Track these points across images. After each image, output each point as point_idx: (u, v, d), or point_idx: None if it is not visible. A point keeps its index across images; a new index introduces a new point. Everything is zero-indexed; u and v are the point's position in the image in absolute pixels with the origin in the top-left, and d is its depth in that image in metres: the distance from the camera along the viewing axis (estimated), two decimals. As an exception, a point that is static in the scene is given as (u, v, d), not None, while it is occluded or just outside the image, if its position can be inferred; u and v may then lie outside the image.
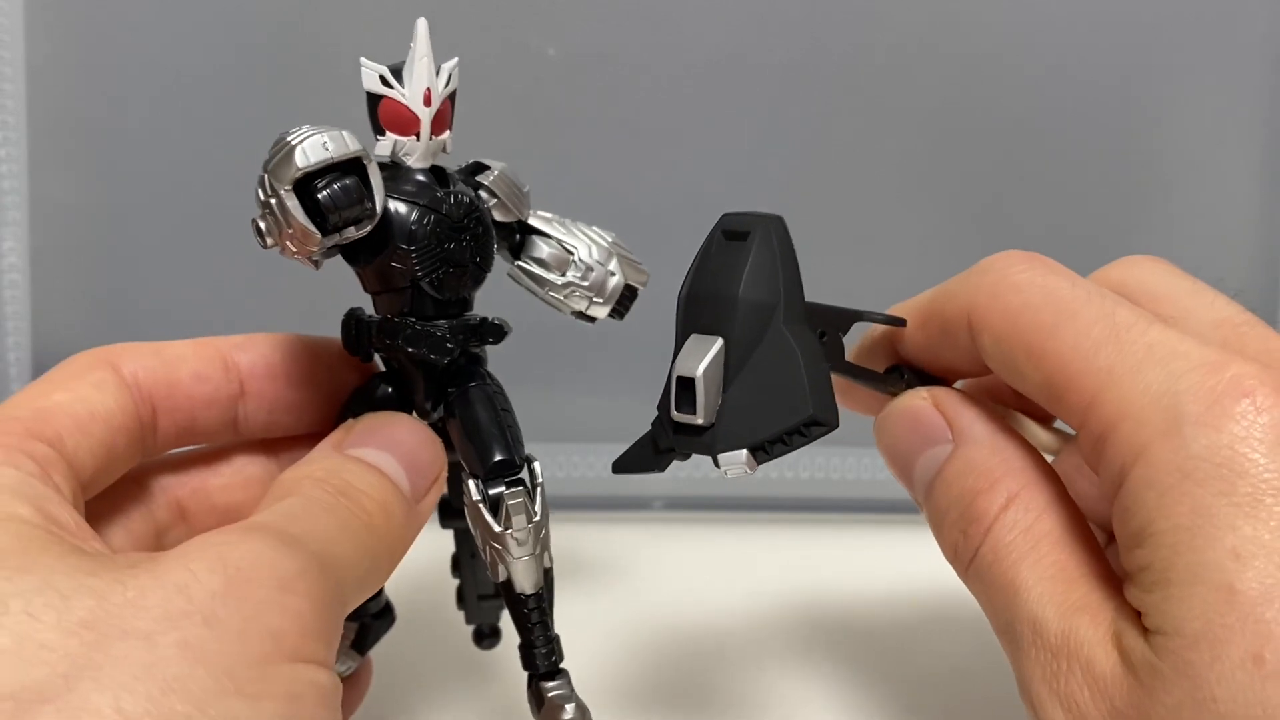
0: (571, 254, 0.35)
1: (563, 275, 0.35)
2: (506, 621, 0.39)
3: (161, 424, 0.33)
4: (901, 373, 0.35)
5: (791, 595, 0.48)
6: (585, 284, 0.35)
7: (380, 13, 0.52)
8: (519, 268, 0.35)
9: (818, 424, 0.29)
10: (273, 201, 0.30)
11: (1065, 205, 0.55)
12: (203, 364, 0.34)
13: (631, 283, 0.36)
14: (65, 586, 0.25)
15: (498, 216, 0.34)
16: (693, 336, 0.31)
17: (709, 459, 0.31)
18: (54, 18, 0.53)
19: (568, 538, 0.53)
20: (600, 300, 0.35)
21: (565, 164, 0.54)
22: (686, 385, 0.30)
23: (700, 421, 0.30)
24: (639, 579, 0.50)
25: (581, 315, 0.36)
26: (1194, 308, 0.32)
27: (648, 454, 0.32)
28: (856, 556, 0.52)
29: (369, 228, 0.31)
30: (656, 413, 0.32)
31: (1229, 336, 0.31)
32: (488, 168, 0.35)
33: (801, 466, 0.56)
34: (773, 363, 0.30)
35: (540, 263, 0.35)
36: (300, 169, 0.29)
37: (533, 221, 0.35)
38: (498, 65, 0.53)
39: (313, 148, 0.29)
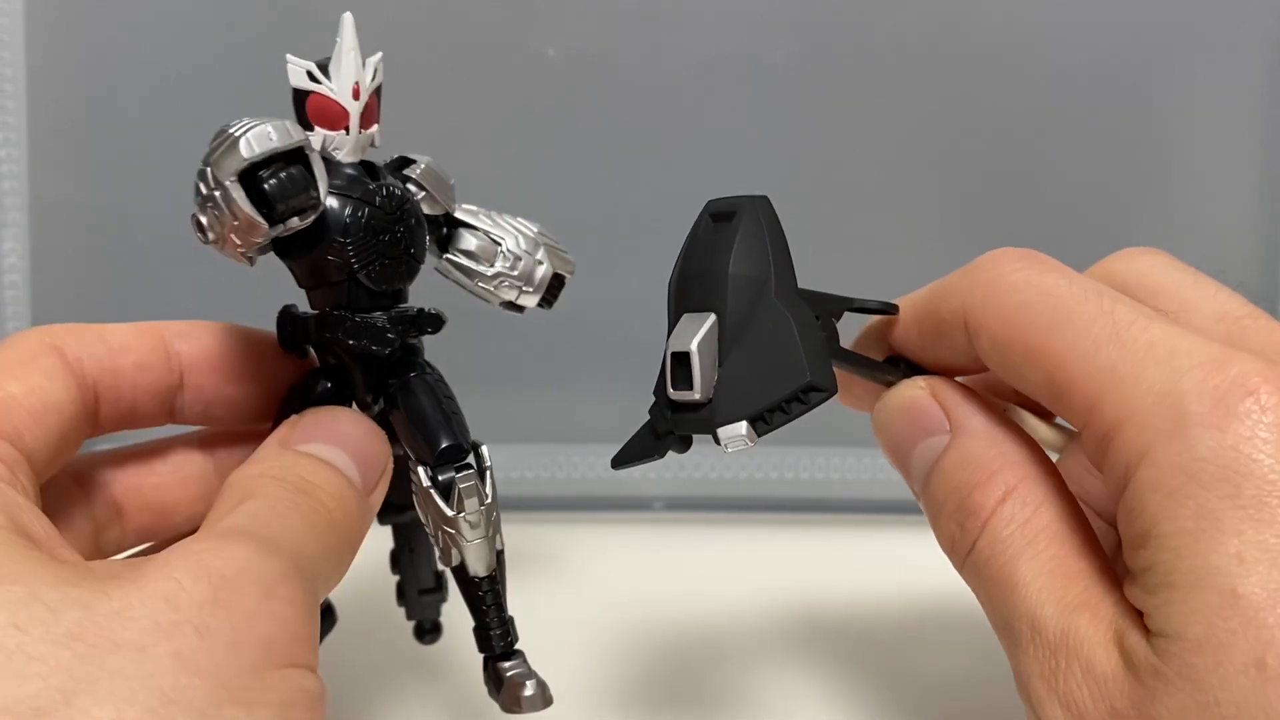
0: (499, 244, 0.35)
1: (491, 266, 0.35)
2: (447, 616, 0.39)
3: (103, 411, 0.33)
4: (898, 363, 0.35)
5: (792, 595, 0.48)
6: (515, 274, 0.35)
7: (383, 15, 0.52)
8: (448, 260, 0.36)
9: (816, 390, 0.29)
10: (216, 194, 0.29)
11: (1065, 200, 0.55)
12: (145, 352, 0.34)
13: (559, 271, 0.36)
14: (50, 598, 0.24)
15: (425, 209, 0.34)
16: (685, 315, 0.30)
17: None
18: (54, 18, 0.53)
19: (567, 538, 0.54)
20: (530, 289, 0.36)
21: (565, 164, 0.54)
22: (682, 360, 0.30)
23: (697, 397, 0.30)
24: (639, 579, 0.50)
25: (511, 305, 0.36)
26: (1195, 301, 0.32)
27: (647, 442, 0.32)
28: (856, 556, 0.52)
29: (312, 218, 0.31)
30: (653, 399, 0.32)
31: (1231, 330, 0.31)
32: (414, 161, 0.35)
33: (801, 467, 0.56)
34: (767, 334, 0.29)
35: (469, 254, 0.35)
36: (246, 159, 0.29)
37: (459, 214, 0.36)
38: (498, 65, 0.53)
39: (258, 138, 0.29)
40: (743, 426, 0.29)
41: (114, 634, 0.24)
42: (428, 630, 0.40)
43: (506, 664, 0.34)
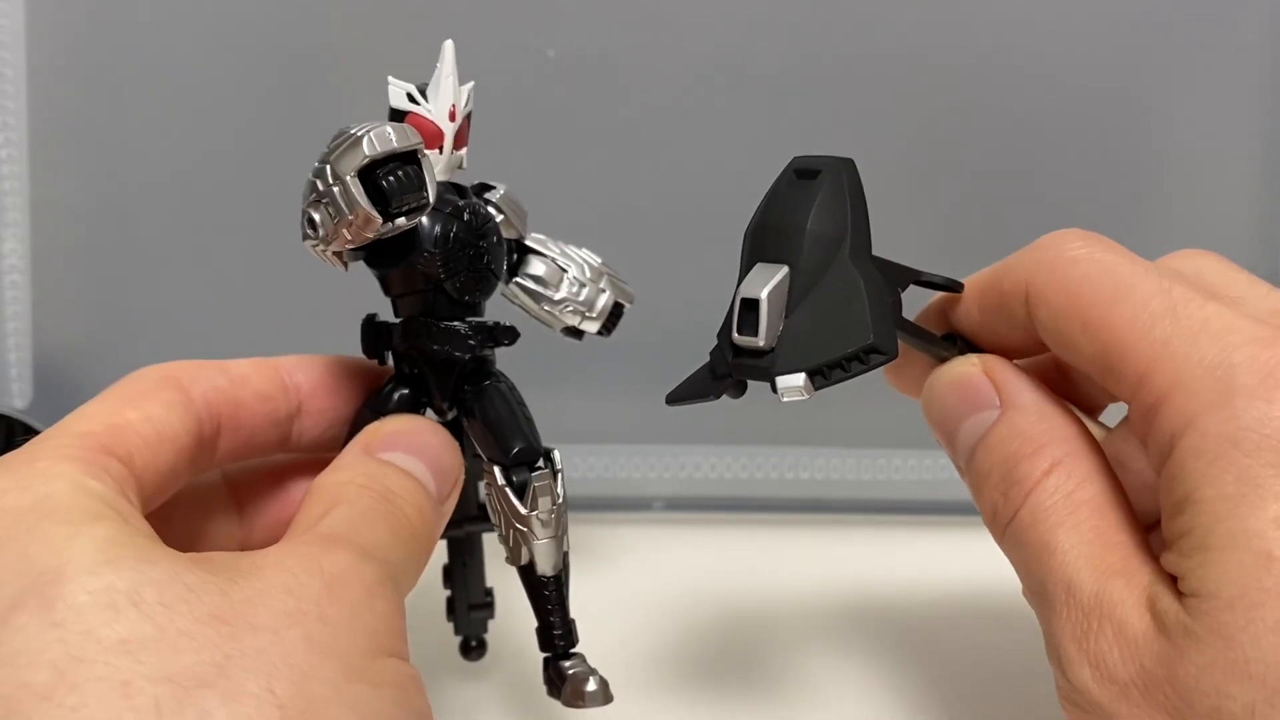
0: (565, 271, 0.37)
1: (558, 291, 0.37)
2: (493, 635, 0.40)
3: (223, 443, 0.34)
4: (955, 340, 0.36)
5: (792, 596, 0.48)
6: (580, 299, 0.37)
7: (380, 15, 0.52)
8: (516, 285, 0.37)
9: (877, 352, 0.30)
10: (335, 189, 0.31)
11: (1065, 201, 0.55)
12: (264, 383, 0.35)
13: (620, 300, 0.38)
14: (189, 580, 0.26)
15: (503, 233, 0.36)
16: (758, 264, 0.31)
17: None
18: (55, 18, 0.53)
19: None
20: (592, 316, 0.37)
21: (565, 165, 0.54)
22: (751, 307, 0.30)
23: (761, 344, 0.30)
24: (639, 579, 0.50)
25: (571, 331, 0.38)
26: (1249, 297, 0.32)
27: (704, 382, 0.33)
28: (859, 557, 0.52)
29: (419, 218, 0.32)
30: (715, 340, 0.33)
31: None
32: (494, 187, 0.37)
33: (801, 467, 0.56)
34: (836, 292, 0.30)
35: (537, 279, 0.37)
36: (368, 156, 0.31)
37: (528, 242, 0.37)
38: (498, 65, 0.53)
39: (379, 138, 0.31)
40: (801, 378, 0.30)
41: (249, 617, 0.25)
42: (474, 647, 0.41)
43: (567, 663, 0.35)
